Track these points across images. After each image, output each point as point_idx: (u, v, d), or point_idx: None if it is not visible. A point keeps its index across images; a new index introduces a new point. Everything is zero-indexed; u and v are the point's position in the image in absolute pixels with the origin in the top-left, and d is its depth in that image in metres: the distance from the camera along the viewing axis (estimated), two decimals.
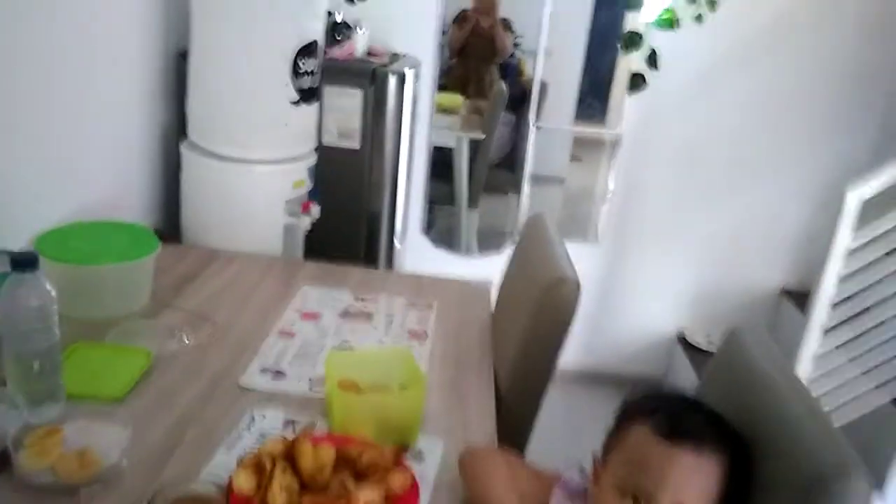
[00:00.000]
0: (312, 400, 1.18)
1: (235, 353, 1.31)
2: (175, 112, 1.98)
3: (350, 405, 1.08)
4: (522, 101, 2.87)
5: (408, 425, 1.10)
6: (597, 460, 0.94)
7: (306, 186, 1.88)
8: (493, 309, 1.64)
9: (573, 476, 0.97)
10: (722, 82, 2.62)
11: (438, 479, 1.02)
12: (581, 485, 0.96)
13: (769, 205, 2.77)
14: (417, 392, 1.11)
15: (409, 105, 2.21)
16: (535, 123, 2.81)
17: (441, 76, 2.74)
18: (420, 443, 1.09)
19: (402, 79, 2.11)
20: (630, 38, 2.54)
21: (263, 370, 1.26)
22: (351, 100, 2.06)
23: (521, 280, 1.53)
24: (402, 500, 0.92)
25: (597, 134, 3.04)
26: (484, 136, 3.05)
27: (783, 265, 2.85)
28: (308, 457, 0.92)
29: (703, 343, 2.81)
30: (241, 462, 0.92)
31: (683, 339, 2.89)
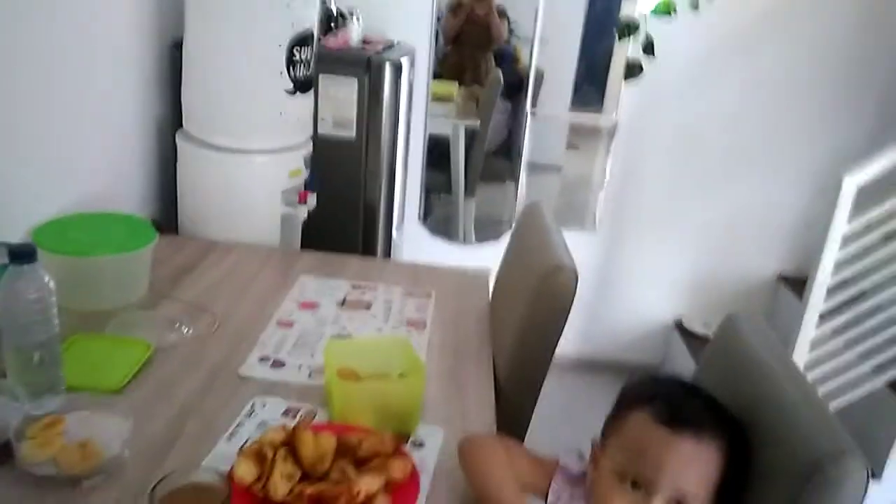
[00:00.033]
0: (312, 389, 1.19)
1: (234, 343, 1.31)
2: (170, 103, 1.97)
3: (349, 393, 1.08)
4: (519, 89, 2.86)
5: (408, 413, 1.10)
6: (596, 446, 0.95)
7: (303, 175, 1.88)
8: (490, 297, 1.65)
9: (572, 462, 0.98)
10: (718, 70, 2.62)
11: (438, 467, 1.03)
12: (580, 471, 0.97)
13: (766, 192, 2.77)
14: (417, 380, 1.11)
15: (404, 93, 2.20)
16: (532, 111, 2.80)
17: (437, 64, 2.72)
18: (420, 431, 1.10)
19: (397, 67, 2.10)
20: (626, 25, 2.53)
21: (263, 360, 1.27)
22: (346, 89, 2.05)
23: (518, 268, 1.53)
24: (402, 488, 0.93)
25: (593, 122, 3.03)
26: (480, 124, 3.04)
27: (780, 252, 2.85)
28: (309, 445, 0.93)
29: (700, 330, 2.82)
30: (243, 451, 0.93)
31: (681, 327, 2.90)
